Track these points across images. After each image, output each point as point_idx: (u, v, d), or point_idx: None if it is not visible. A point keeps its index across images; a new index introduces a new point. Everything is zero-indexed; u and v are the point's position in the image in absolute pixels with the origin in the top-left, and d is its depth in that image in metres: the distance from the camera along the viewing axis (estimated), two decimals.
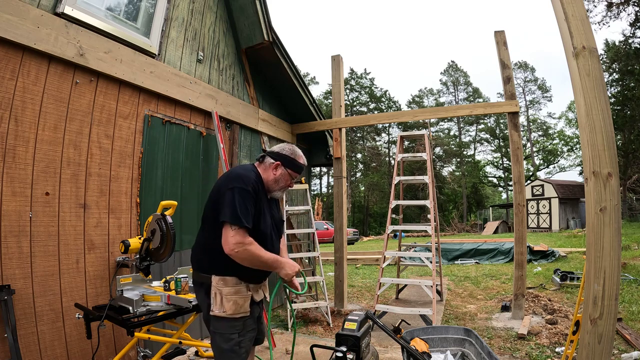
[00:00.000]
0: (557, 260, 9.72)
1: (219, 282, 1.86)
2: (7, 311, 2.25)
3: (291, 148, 2.03)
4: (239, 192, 1.80)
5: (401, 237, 6.97)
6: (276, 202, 2.16)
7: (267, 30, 4.49)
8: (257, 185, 1.89)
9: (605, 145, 1.86)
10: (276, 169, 1.98)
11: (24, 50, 2.47)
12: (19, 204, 2.44)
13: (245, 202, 1.80)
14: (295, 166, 2.01)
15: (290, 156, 2.00)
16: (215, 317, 1.86)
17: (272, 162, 1.98)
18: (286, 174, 1.99)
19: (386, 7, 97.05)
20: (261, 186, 1.94)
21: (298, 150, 2.05)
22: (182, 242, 3.72)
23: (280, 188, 2.01)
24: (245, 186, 1.82)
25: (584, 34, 1.96)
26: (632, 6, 17.87)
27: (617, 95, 23.14)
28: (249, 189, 1.83)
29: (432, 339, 2.58)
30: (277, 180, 1.98)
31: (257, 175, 1.94)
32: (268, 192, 2.01)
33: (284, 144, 2.06)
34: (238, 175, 1.88)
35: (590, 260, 1.88)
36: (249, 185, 1.84)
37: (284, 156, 1.99)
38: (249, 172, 1.92)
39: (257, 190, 1.87)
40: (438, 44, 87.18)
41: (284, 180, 2.00)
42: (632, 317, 4.42)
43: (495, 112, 5.27)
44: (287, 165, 1.98)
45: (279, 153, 2.00)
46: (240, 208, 1.77)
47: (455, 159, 42.34)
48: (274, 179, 1.98)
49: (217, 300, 1.85)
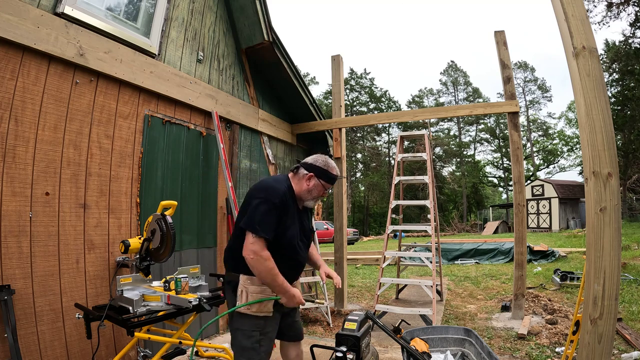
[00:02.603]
0: (557, 260, 9.73)
1: (246, 280, 1.96)
2: (7, 311, 2.25)
3: (324, 160, 2.09)
4: (265, 203, 1.89)
5: (401, 237, 6.97)
6: (308, 213, 2.22)
7: (267, 30, 4.49)
8: (285, 197, 1.95)
9: (605, 145, 1.86)
10: (309, 180, 2.04)
11: (24, 50, 2.47)
12: (19, 204, 2.44)
13: (269, 213, 1.88)
14: (328, 177, 2.06)
15: (324, 168, 2.05)
16: (239, 313, 1.97)
17: (305, 174, 2.04)
18: (319, 184, 2.05)
19: (386, 7, 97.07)
20: (291, 198, 2.02)
21: (331, 161, 2.10)
22: (182, 242, 3.72)
23: (313, 198, 2.08)
24: (273, 199, 1.90)
25: (584, 34, 1.96)
26: (632, 6, 17.86)
27: (617, 95, 23.12)
28: (276, 201, 1.90)
29: (432, 339, 2.58)
30: (310, 191, 2.05)
31: (289, 187, 2.02)
32: (300, 201, 2.09)
33: (317, 156, 2.11)
34: (268, 186, 1.97)
35: (590, 260, 1.88)
36: (277, 197, 1.91)
37: (318, 167, 2.05)
38: (280, 184, 1.99)
39: (285, 202, 1.94)
40: (438, 44, 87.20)
41: (317, 191, 2.06)
42: (632, 317, 4.42)
43: (495, 112, 5.27)
44: (320, 177, 2.04)
45: (312, 164, 2.06)
46: (263, 219, 1.86)
47: (455, 159, 42.33)
48: (307, 189, 2.05)
49: (243, 298, 1.95)
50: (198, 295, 2.38)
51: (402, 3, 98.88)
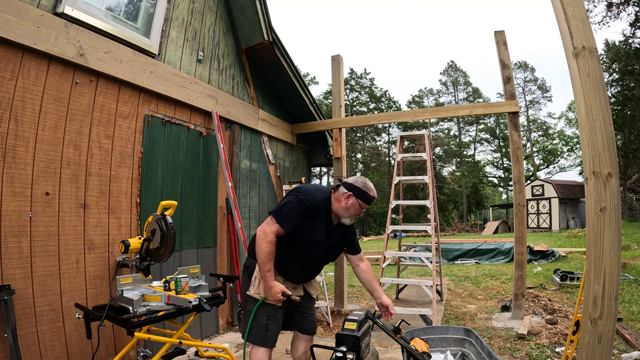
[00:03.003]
0: (557, 260, 9.73)
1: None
2: (7, 311, 2.25)
3: (364, 181, 2.21)
4: (296, 199, 2.07)
5: (401, 237, 6.97)
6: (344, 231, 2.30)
7: (267, 30, 4.49)
8: (319, 204, 2.12)
9: (605, 145, 1.86)
10: (348, 199, 2.16)
11: (24, 50, 2.47)
12: (19, 204, 2.44)
13: (295, 210, 2.04)
14: (365, 198, 2.17)
15: (362, 188, 2.17)
16: (250, 297, 2.18)
17: (345, 192, 2.16)
18: (357, 204, 2.17)
19: (386, 8, 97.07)
20: (326, 209, 2.17)
21: (370, 184, 2.23)
22: (182, 242, 3.71)
23: (349, 216, 2.19)
24: (306, 199, 2.07)
25: (584, 34, 1.96)
26: (632, 6, 17.84)
27: (617, 95, 23.09)
28: (308, 203, 2.07)
29: (432, 339, 2.58)
30: (348, 209, 2.17)
31: (327, 199, 2.17)
32: (336, 217, 2.22)
33: (357, 177, 2.24)
34: (307, 189, 2.15)
35: (590, 260, 1.88)
36: (309, 200, 2.08)
37: (357, 188, 2.16)
38: (319, 193, 2.16)
39: (316, 208, 2.10)
40: (438, 44, 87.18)
41: (354, 210, 2.18)
42: (632, 317, 4.42)
43: (495, 112, 5.27)
44: (358, 196, 2.16)
45: (352, 184, 2.18)
46: (288, 212, 2.03)
47: (455, 159, 42.32)
48: (344, 207, 2.16)
49: (256, 283, 2.16)
50: (198, 295, 2.38)
51: (402, 3, 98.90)
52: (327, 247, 2.23)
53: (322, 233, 2.16)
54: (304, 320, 2.35)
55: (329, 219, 2.21)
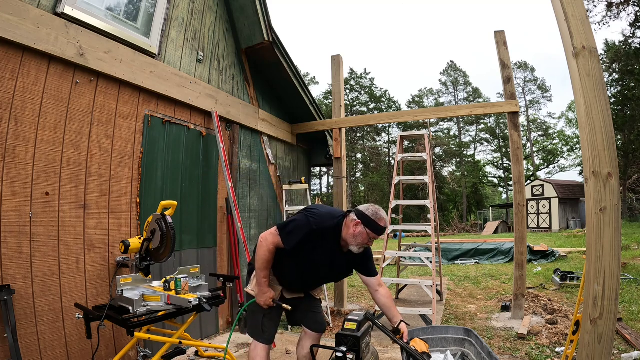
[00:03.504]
0: (557, 260, 9.73)
1: None
2: (7, 311, 2.25)
3: (375, 210, 2.13)
4: (304, 220, 2.07)
5: (401, 237, 6.97)
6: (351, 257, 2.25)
7: (267, 30, 4.49)
8: (327, 231, 2.09)
9: (605, 145, 1.86)
10: (356, 227, 2.10)
11: (24, 50, 2.47)
12: (19, 204, 2.44)
13: (300, 229, 2.05)
14: (374, 227, 2.10)
15: (372, 217, 2.10)
16: (248, 294, 2.33)
17: (354, 219, 2.12)
18: (364, 232, 2.10)
19: (386, 8, 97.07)
20: (334, 235, 2.13)
21: (382, 213, 2.14)
22: (182, 242, 3.71)
23: (357, 244, 2.13)
24: (314, 222, 2.06)
25: (584, 34, 1.96)
26: (632, 6, 17.83)
27: (617, 95, 23.08)
28: (314, 227, 2.05)
29: (432, 339, 2.57)
30: (355, 237, 2.11)
31: (337, 225, 2.13)
32: (345, 244, 2.17)
33: (370, 205, 2.17)
34: (319, 213, 2.13)
35: (590, 260, 1.88)
36: (317, 225, 2.06)
37: (366, 216, 2.10)
38: (330, 219, 2.12)
39: (322, 234, 2.08)
40: (438, 44, 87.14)
41: (362, 238, 2.11)
42: (632, 317, 4.42)
43: (495, 112, 5.27)
44: (367, 225, 2.09)
45: (362, 212, 2.12)
46: (292, 229, 2.06)
47: (455, 159, 42.30)
48: (352, 234, 2.12)
49: (253, 282, 2.28)
50: (198, 295, 2.38)
51: (402, 3, 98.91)
52: (329, 270, 2.24)
53: (326, 257, 2.16)
54: (312, 320, 2.42)
55: (337, 245, 2.17)
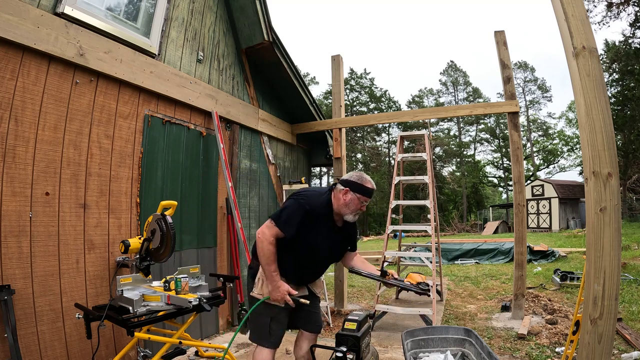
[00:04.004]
0: (557, 260, 9.73)
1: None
2: (7, 311, 2.25)
3: (359, 175, 2.19)
4: (297, 205, 2.06)
5: (401, 237, 6.97)
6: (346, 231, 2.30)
7: (267, 30, 4.49)
8: (318, 208, 2.10)
9: (605, 145, 1.85)
10: (346, 195, 2.14)
11: (24, 50, 2.47)
12: (19, 204, 2.44)
13: (295, 213, 2.04)
14: (363, 190, 2.14)
15: (358, 182, 2.14)
16: (254, 298, 2.19)
17: (342, 189, 2.15)
18: (355, 198, 2.14)
19: (386, 7, 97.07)
20: (326, 210, 2.15)
21: (366, 176, 2.20)
22: (182, 242, 3.71)
23: (351, 212, 2.16)
24: (305, 203, 2.07)
25: (584, 34, 1.96)
26: (632, 6, 17.83)
27: (617, 95, 23.08)
28: (306, 206, 2.06)
29: (432, 339, 2.58)
30: (347, 205, 2.14)
31: (327, 202, 2.16)
32: (340, 216, 2.20)
33: (352, 172, 2.22)
34: (307, 194, 2.14)
35: (590, 260, 1.88)
36: (308, 204, 2.07)
37: (352, 182, 2.15)
38: (318, 196, 2.15)
39: (315, 212, 2.09)
40: (438, 44, 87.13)
41: (354, 204, 2.14)
42: (632, 317, 4.42)
43: (495, 112, 5.27)
44: (355, 190, 2.13)
45: (347, 180, 2.17)
46: (287, 215, 2.04)
47: (455, 159, 42.31)
48: (344, 203, 2.14)
49: (259, 285, 2.18)
50: (198, 295, 2.38)
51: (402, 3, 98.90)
52: (328, 249, 2.22)
53: (324, 236, 2.16)
54: (309, 320, 2.35)
55: (331, 222, 2.20)
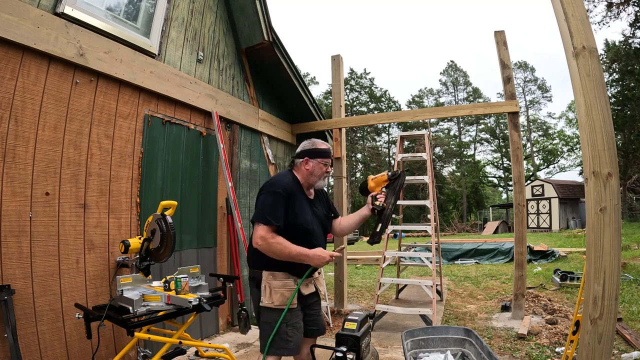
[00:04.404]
0: (557, 260, 9.72)
1: (269, 276, 2.07)
2: (7, 311, 2.25)
3: (310, 141, 2.21)
4: (269, 195, 2.02)
5: (401, 237, 6.97)
6: (322, 201, 2.32)
7: (267, 30, 4.49)
8: (289, 187, 2.07)
9: (605, 145, 1.85)
10: (307, 164, 2.16)
11: (24, 50, 2.47)
12: (19, 204, 2.44)
13: (275, 203, 1.99)
14: (319, 153, 2.16)
15: (313, 147, 2.17)
16: (264, 307, 2.07)
17: (301, 161, 2.17)
18: (316, 163, 2.16)
19: (386, 8, 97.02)
20: (297, 186, 2.13)
21: (317, 140, 2.22)
22: (182, 242, 3.71)
23: (318, 177, 2.18)
24: (275, 189, 2.03)
25: (584, 34, 1.96)
26: (632, 6, 17.84)
27: (617, 95, 23.10)
28: (279, 190, 2.02)
29: (432, 339, 2.58)
30: (312, 173, 2.16)
31: (293, 179, 2.14)
32: (310, 187, 2.21)
33: (303, 142, 2.23)
34: (272, 181, 2.11)
35: (590, 260, 1.88)
36: (279, 187, 2.03)
37: (308, 150, 2.17)
38: (282, 177, 2.14)
39: (289, 191, 2.05)
40: (438, 44, 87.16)
41: (318, 169, 2.16)
42: (632, 317, 4.42)
43: (495, 112, 5.27)
44: (313, 156, 2.15)
45: (302, 150, 2.19)
46: (269, 209, 1.98)
47: (455, 159, 42.32)
48: (309, 172, 2.16)
49: (267, 293, 2.06)
50: (198, 295, 2.38)
51: (402, 3, 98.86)
52: (318, 222, 2.20)
53: (308, 211, 2.14)
54: (312, 323, 2.27)
55: (306, 196, 2.19)
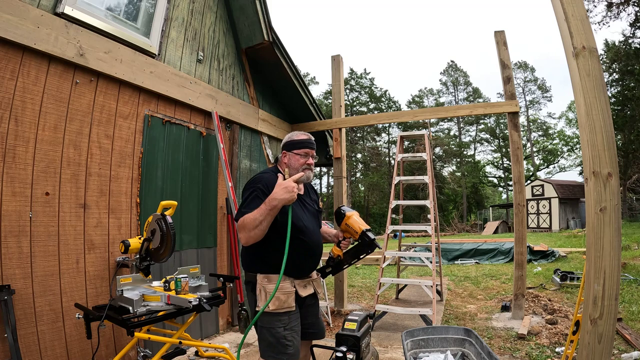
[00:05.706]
0: (557, 260, 9.72)
1: (264, 279, 2.00)
2: (7, 311, 2.25)
3: (289, 134, 2.18)
4: (250, 192, 1.97)
5: (401, 237, 6.97)
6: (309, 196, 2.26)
7: (267, 30, 4.49)
8: (269, 181, 2.00)
9: (605, 145, 1.85)
10: (284, 157, 2.13)
11: (24, 50, 2.47)
12: (19, 204, 2.44)
13: (255, 198, 1.93)
14: (295, 144, 2.10)
15: (288, 140, 2.13)
16: (263, 312, 1.96)
17: (281, 156, 2.16)
18: (292, 155, 2.10)
19: (386, 7, 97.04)
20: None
21: (295, 132, 2.18)
22: (182, 242, 3.71)
23: (296, 170, 2.07)
24: (255, 184, 1.99)
25: (584, 34, 1.96)
26: (632, 6, 17.84)
27: (617, 95, 23.10)
28: (258, 185, 1.98)
29: (432, 339, 2.58)
30: (291, 165, 2.10)
31: (273, 174, 2.08)
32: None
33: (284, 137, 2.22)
34: (254, 179, 2.06)
35: (590, 260, 1.88)
36: (260, 183, 1.99)
37: (285, 144, 2.14)
38: (263, 173, 2.10)
39: (270, 185, 1.96)
40: (438, 44, 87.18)
41: (295, 161, 2.09)
42: (632, 317, 4.42)
43: (495, 112, 5.27)
44: (290, 149, 2.10)
45: (282, 146, 2.17)
46: (247, 204, 1.93)
47: (455, 159, 42.32)
48: (286, 166, 2.12)
49: (262, 297, 1.98)
50: (198, 295, 2.38)
51: (402, 3, 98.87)
52: (309, 216, 2.14)
53: (298, 207, 2.07)
54: (310, 326, 2.21)
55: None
